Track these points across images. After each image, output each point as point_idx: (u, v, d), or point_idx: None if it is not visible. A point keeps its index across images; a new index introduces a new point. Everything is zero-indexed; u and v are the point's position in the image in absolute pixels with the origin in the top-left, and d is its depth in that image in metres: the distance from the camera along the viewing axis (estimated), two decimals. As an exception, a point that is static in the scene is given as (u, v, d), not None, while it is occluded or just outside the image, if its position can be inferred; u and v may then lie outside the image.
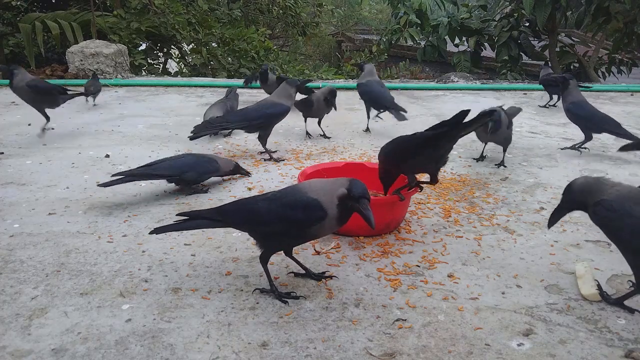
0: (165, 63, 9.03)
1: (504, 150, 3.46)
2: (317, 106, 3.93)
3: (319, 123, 4.13)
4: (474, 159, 3.58)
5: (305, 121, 4.11)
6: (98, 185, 2.60)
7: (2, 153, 3.51)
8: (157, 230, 1.95)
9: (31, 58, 7.24)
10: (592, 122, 3.61)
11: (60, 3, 8.80)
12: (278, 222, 1.79)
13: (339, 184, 1.76)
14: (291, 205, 1.78)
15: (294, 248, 1.97)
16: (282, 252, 1.96)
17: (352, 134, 4.26)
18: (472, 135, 3.61)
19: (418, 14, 8.87)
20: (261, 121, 3.37)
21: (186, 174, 2.81)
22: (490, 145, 3.63)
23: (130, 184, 2.83)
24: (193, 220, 1.92)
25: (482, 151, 3.60)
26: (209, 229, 2.07)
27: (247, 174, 3.13)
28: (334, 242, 2.28)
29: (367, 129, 4.33)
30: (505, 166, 3.42)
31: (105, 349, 1.57)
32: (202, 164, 2.90)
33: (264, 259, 1.86)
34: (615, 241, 1.77)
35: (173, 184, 2.89)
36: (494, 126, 3.17)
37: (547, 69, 5.57)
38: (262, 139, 3.45)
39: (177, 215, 1.96)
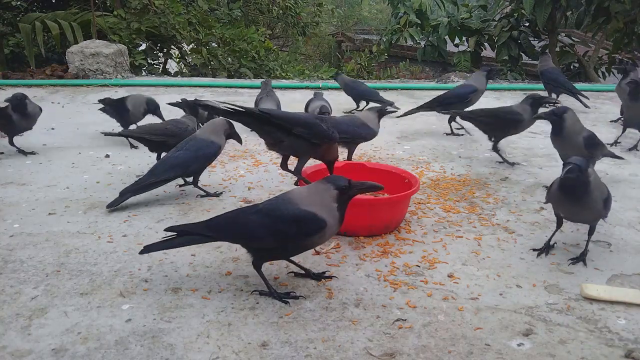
0: (165, 63, 9.02)
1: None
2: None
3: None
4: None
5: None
6: (108, 208, 2.55)
7: (2, 153, 3.51)
8: (146, 249, 1.88)
9: (31, 58, 7.23)
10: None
11: (60, 3, 8.79)
12: (271, 237, 1.76)
13: (323, 187, 1.76)
14: (284, 219, 1.75)
15: None
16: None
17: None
18: (474, 135, 3.61)
19: (418, 14, 8.87)
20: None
21: (191, 167, 2.69)
22: (490, 144, 3.62)
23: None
24: (182, 237, 1.85)
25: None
26: (201, 243, 2.00)
27: (239, 140, 2.92)
28: (334, 242, 2.28)
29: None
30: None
31: (105, 349, 1.57)
32: (204, 150, 2.70)
33: (257, 266, 1.85)
34: None
35: (172, 182, 2.85)
36: None
37: (547, 57, 5.34)
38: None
39: (165, 230, 1.90)
